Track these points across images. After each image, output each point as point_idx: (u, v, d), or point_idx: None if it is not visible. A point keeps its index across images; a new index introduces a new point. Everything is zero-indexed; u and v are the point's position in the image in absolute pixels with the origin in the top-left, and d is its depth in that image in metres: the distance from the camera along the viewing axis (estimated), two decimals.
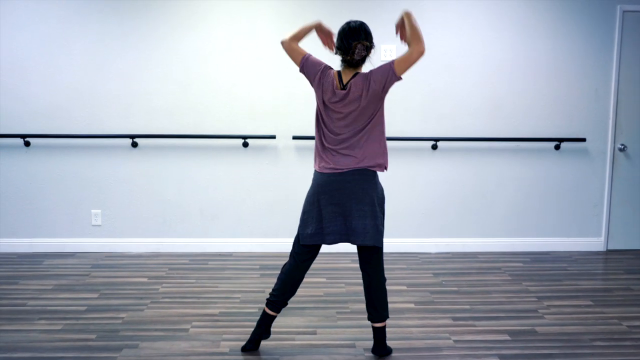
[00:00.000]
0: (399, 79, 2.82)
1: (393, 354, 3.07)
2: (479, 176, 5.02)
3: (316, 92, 2.94)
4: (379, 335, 3.04)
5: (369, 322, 3.25)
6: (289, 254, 3.08)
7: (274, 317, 3.06)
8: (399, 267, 4.60)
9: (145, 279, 4.26)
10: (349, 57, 2.82)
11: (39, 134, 4.77)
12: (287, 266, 3.02)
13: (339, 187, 2.87)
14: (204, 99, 4.82)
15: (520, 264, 4.72)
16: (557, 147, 4.99)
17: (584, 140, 4.97)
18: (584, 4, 4.86)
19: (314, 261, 4.58)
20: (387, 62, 2.83)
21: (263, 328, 3.06)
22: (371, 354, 3.07)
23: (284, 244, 4.61)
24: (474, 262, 4.78)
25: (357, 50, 2.78)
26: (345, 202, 2.87)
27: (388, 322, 3.46)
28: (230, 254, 4.90)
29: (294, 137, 4.83)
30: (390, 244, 5.02)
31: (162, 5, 4.71)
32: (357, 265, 4.60)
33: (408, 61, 2.79)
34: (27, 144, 4.80)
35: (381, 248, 2.96)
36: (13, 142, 4.82)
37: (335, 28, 2.99)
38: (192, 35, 4.76)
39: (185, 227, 4.97)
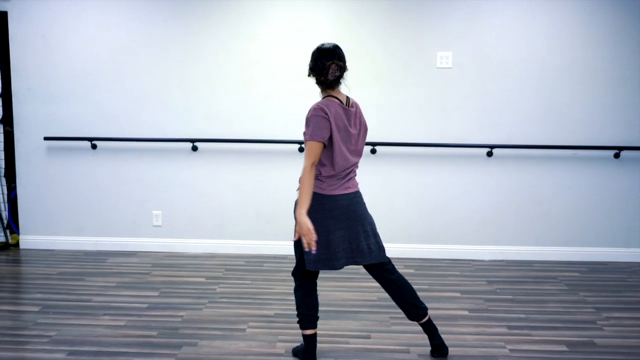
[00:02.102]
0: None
1: None
2: (535, 184, 4.96)
3: (334, 129, 2.82)
4: (430, 327, 3.06)
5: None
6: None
7: (315, 337, 3.00)
8: (453, 274, 4.59)
9: (203, 279, 4.38)
10: (322, 78, 2.82)
11: (105, 137, 4.98)
12: (299, 289, 2.99)
13: (349, 210, 2.93)
14: (261, 105, 4.93)
15: (577, 274, 4.64)
16: (616, 156, 4.88)
17: None
18: None
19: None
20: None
21: (311, 355, 3.01)
22: None
23: None
24: (529, 270, 4.72)
25: (330, 70, 2.79)
26: (353, 225, 2.95)
27: (441, 328, 3.47)
28: (285, 257, 4.99)
29: None
30: (444, 250, 5.01)
31: (222, 13, 4.85)
32: (411, 271, 4.63)
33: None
34: (93, 146, 5.02)
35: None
36: (81, 145, 5.05)
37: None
38: (251, 43, 4.88)
39: (241, 229, 5.09)
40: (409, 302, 3.01)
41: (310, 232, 2.69)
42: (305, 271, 2.97)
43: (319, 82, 2.87)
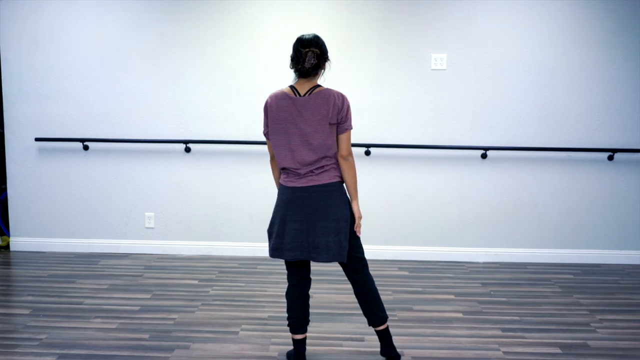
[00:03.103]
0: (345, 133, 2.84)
1: None
2: (530, 186, 4.95)
3: (266, 122, 2.90)
4: (385, 337, 3.01)
5: (418, 331, 3.27)
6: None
7: (303, 341, 2.99)
8: (447, 276, 4.58)
9: (195, 281, 4.35)
10: (299, 66, 2.80)
11: (97, 138, 4.95)
12: (287, 293, 3.00)
13: (302, 203, 2.87)
14: (255, 106, 4.90)
15: (571, 276, 4.64)
16: (610, 158, 4.89)
17: (638, 151, 4.85)
18: (638, 11, 4.77)
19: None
20: (348, 119, 2.84)
21: (300, 357, 3.00)
22: None
23: None
24: (523, 272, 4.71)
25: (307, 58, 2.76)
26: (307, 219, 2.86)
27: (436, 330, 3.47)
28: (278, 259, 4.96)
29: None
30: (438, 252, 5.00)
31: (216, 14, 4.83)
32: (405, 273, 4.61)
33: (346, 146, 2.85)
34: (85, 147, 4.98)
35: (360, 250, 2.95)
36: (72, 146, 5.01)
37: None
38: (245, 44, 4.86)
39: (235, 231, 5.06)
40: (369, 308, 2.97)
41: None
42: (291, 274, 2.97)
43: (296, 71, 2.84)
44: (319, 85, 2.85)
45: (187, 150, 4.95)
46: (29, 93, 4.96)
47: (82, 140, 4.94)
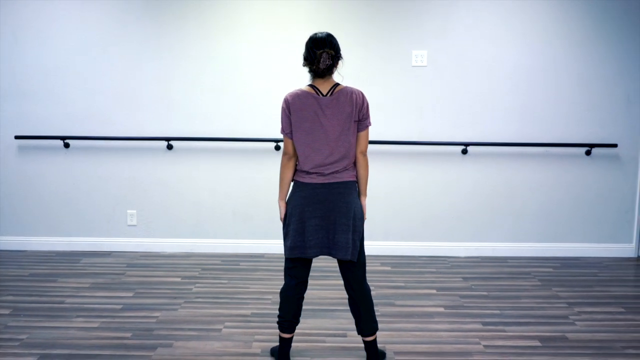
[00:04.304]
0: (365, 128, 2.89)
1: (423, 358, 3.09)
2: (510, 181, 5.01)
3: (289, 120, 2.87)
4: (371, 348, 2.97)
5: (400, 326, 3.30)
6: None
7: (290, 340, 2.99)
8: (429, 271, 4.62)
9: (178, 279, 4.35)
10: (314, 67, 2.81)
11: (78, 136, 4.91)
12: (283, 291, 2.97)
13: (321, 199, 2.84)
14: (238, 104, 4.90)
15: (550, 269, 4.70)
16: (588, 153, 4.96)
17: (615, 146, 4.93)
18: (616, 10, 4.82)
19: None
20: (368, 117, 2.88)
21: (283, 356, 2.99)
22: (401, 357, 3.09)
23: None
24: (503, 266, 4.77)
25: (322, 59, 2.78)
26: (327, 216, 2.83)
27: (417, 325, 3.50)
28: (262, 255, 4.98)
29: None
30: (420, 247, 5.04)
31: (198, 11, 4.81)
32: (388, 268, 4.65)
33: (365, 143, 2.90)
34: (66, 145, 4.95)
35: (364, 257, 2.93)
36: (53, 144, 4.97)
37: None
38: (227, 41, 4.85)
39: (218, 228, 5.06)
40: (363, 317, 2.93)
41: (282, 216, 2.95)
42: (292, 275, 2.92)
43: (310, 71, 2.85)
44: (339, 84, 2.86)
45: (170, 147, 4.94)
46: (9, 91, 4.90)
47: (62, 138, 4.90)
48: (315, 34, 2.85)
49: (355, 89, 2.86)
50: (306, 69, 2.86)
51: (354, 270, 2.89)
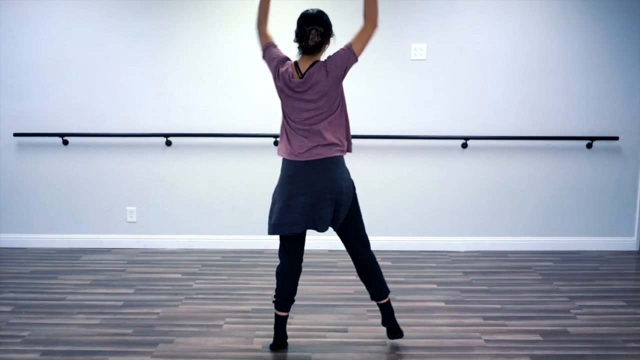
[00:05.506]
0: (356, 60, 2.88)
1: (424, 353, 3.09)
2: (510, 175, 5.00)
3: (275, 82, 2.98)
4: (386, 310, 3.13)
5: (401, 321, 3.29)
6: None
7: (285, 318, 3.09)
8: (429, 266, 4.62)
9: (179, 275, 4.35)
10: (303, 44, 2.83)
11: (77, 132, 4.90)
12: (279, 272, 3.07)
13: (308, 176, 2.88)
14: (236, 98, 4.89)
15: (551, 263, 4.70)
16: (589, 146, 4.95)
17: (616, 138, 4.92)
18: (615, 0, 4.80)
19: (344, 258, 4.64)
20: (342, 47, 2.85)
21: (279, 331, 3.10)
22: (402, 352, 3.10)
23: (314, 241, 4.64)
24: (504, 261, 4.77)
25: (310, 36, 2.79)
26: (313, 191, 2.88)
27: (418, 320, 3.50)
28: (262, 251, 4.97)
29: None
30: (420, 242, 5.04)
31: (194, 6, 4.79)
32: (388, 263, 4.65)
33: (364, 38, 2.85)
34: (65, 142, 4.94)
35: (363, 228, 3.05)
36: (52, 141, 4.96)
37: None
38: (224, 36, 4.83)
39: (217, 224, 5.05)
40: (372, 283, 3.08)
41: None
42: (286, 253, 3.01)
43: (299, 47, 2.87)
44: (318, 61, 2.86)
45: (168, 143, 4.93)
46: (7, 88, 4.89)
47: (61, 135, 4.89)
48: (307, 10, 2.88)
49: (332, 54, 2.85)
50: (297, 47, 2.89)
51: (355, 246, 3.04)
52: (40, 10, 4.81)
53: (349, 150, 3.00)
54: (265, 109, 4.88)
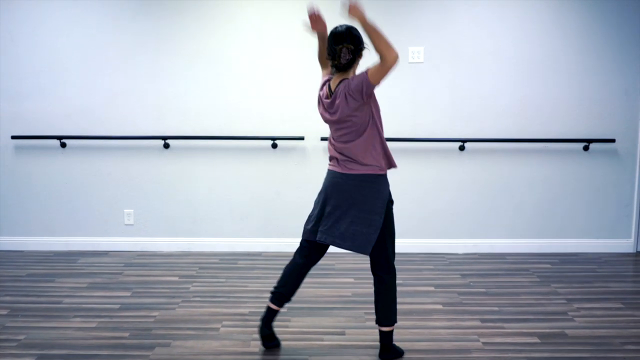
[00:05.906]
0: (372, 86, 2.74)
1: (422, 355, 3.09)
2: (507, 177, 5.00)
3: (318, 108, 3.06)
4: (386, 340, 3.04)
5: (399, 323, 3.28)
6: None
7: (276, 312, 3.10)
8: (427, 268, 4.61)
9: (176, 278, 4.34)
10: (336, 62, 2.83)
11: (75, 135, 4.90)
12: (289, 265, 3.13)
13: (339, 189, 2.91)
14: (234, 101, 4.89)
15: (549, 266, 4.70)
16: (586, 148, 4.95)
17: (613, 141, 4.92)
18: (613, 3, 4.81)
19: (341, 261, 4.63)
20: (364, 71, 2.75)
21: (264, 321, 3.10)
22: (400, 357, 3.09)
23: None
24: (502, 263, 4.77)
25: (342, 54, 2.80)
26: (341, 205, 2.90)
27: (416, 322, 3.50)
28: (259, 254, 4.96)
29: (322, 139, 4.86)
30: (418, 244, 5.03)
31: (193, 9, 4.79)
32: None
33: (383, 71, 2.68)
34: (63, 145, 4.93)
35: (388, 251, 2.94)
36: (50, 143, 4.95)
37: (360, 29, 2.96)
38: (223, 38, 4.83)
39: (215, 227, 5.05)
40: (382, 308, 3.00)
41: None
42: (303, 253, 3.08)
43: (332, 66, 2.87)
44: (345, 79, 2.84)
45: (166, 146, 4.92)
46: (5, 90, 4.88)
47: (59, 138, 4.88)
48: (336, 27, 2.86)
49: (355, 76, 2.78)
50: (330, 65, 2.90)
51: (372, 260, 2.99)
52: (38, 12, 4.81)
53: (390, 166, 2.98)
54: (262, 112, 4.88)
